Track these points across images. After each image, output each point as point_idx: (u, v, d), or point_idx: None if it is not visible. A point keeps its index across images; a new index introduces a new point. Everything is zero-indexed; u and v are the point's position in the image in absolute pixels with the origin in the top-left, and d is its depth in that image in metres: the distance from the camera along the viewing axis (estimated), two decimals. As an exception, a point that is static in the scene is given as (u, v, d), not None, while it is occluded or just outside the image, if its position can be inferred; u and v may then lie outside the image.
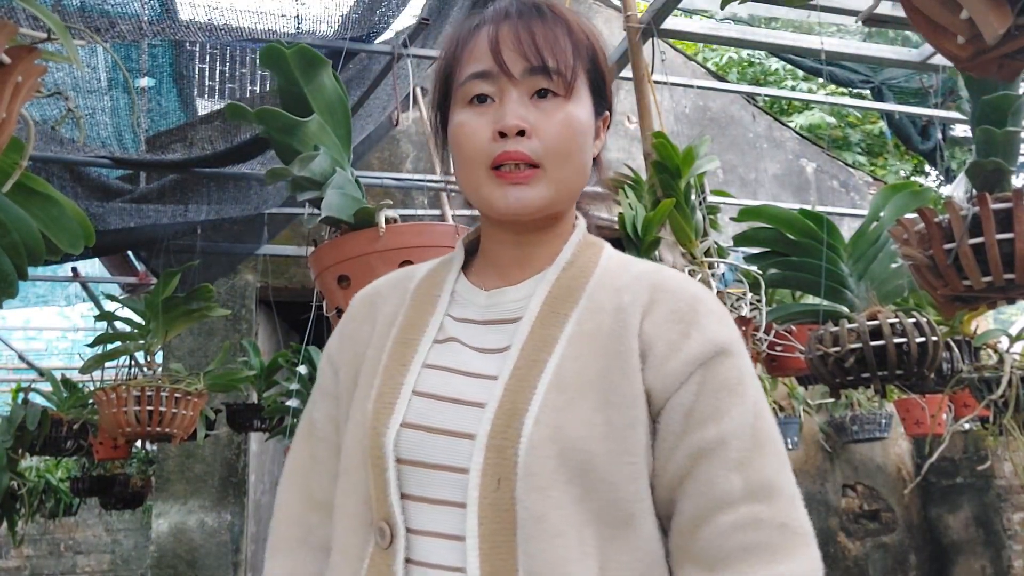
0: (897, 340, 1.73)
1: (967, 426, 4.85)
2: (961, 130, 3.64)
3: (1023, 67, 0.88)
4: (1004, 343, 2.34)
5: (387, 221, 1.61)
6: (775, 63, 8.80)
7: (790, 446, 4.37)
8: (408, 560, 0.76)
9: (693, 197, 1.91)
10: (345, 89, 1.81)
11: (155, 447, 4.85)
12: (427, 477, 0.77)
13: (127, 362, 2.75)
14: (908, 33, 3.38)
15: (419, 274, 0.93)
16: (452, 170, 0.88)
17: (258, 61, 1.61)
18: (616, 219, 1.89)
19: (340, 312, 1.64)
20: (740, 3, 1.25)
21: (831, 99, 5.20)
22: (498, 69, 0.80)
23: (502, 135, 0.79)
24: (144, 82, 2.93)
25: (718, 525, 0.74)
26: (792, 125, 6.40)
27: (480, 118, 0.81)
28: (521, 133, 0.79)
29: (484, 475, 0.74)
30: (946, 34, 0.86)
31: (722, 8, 1.46)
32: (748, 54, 9.00)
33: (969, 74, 0.91)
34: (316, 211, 1.69)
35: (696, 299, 0.82)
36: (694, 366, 0.78)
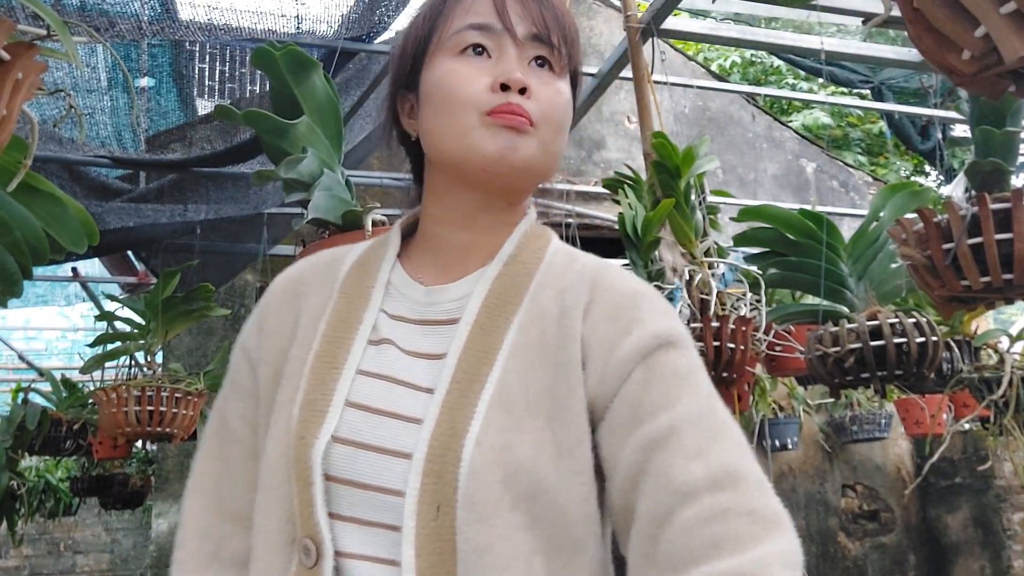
0: (897, 340, 1.73)
1: (967, 426, 4.86)
2: (961, 130, 3.64)
3: (1009, 86, 0.88)
4: (1004, 343, 2.34)
5: (374, 224, 1.61)
6: (776, 60, 8.80)
7: (790, 446, 4.38)
8: None
9: (693, 197, 1.91)
10: (336, 91, 1.81)
11: (155, 447, 4.85)
12: (358, 497, 0.70)
13: (127, 362, 2.75)
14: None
15: (348, 259, 0.84)
16: (420, 129, 0.81)
17: (251, 63, 1.62)
18: (616, 219, 1.89)
19: None
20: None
21: (831, 99, 5.21)
22: (501, 25, 0.76)
23: (504, 88, 0.74)
24: (144, 82, 2.93)
25: (682, 521, 0.65)
26: (793, 125, 6.40)
27: (475, 68, 0.76)
28: (523, 91, 0.75)
29: (421, 501, 0.67)
30: (951, 49, 0.85)
31: (713, 1, 1.46)
32: (752, 54, 9.00)
33: (962, 87, 0.91)
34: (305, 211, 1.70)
35: (638, 295, 0.77)
36: (636, 360, 0.73)
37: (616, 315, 0.75)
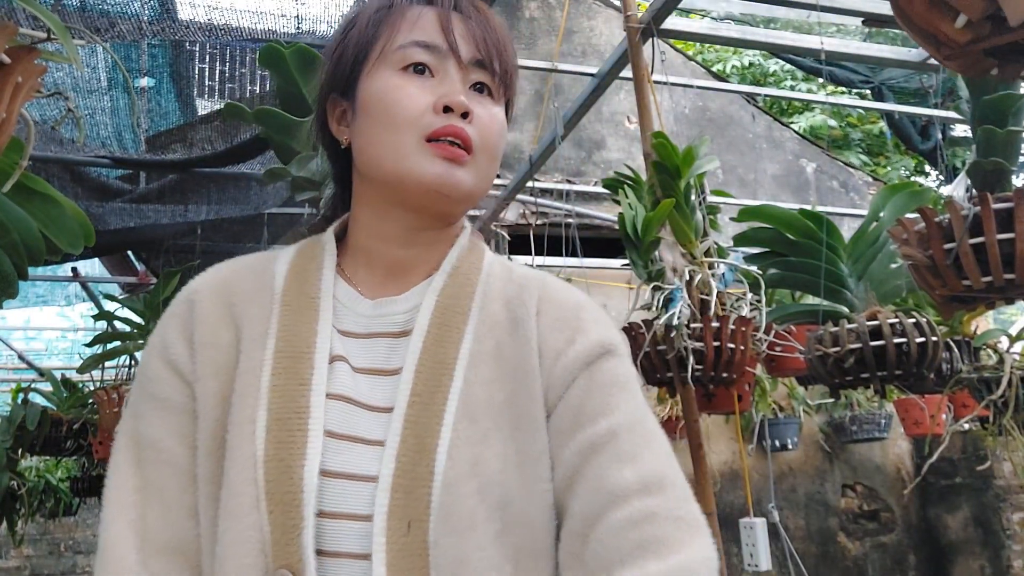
0: (897, 340, 1.73)
1: (966, 426, 4.85)
2: (961, 130, 3.65)
3: (993, 66, 0.85)
4: (1004, 343, 2.34)
5: None
6: (773, 64, 8.80)
7: (790, 446, 4.38)
8: None
9: (693, 197, 1.91)
10: None
11: (155, 447, 4.84)
12: (331, 528, 0.68)
13: (127, 362, 2.75)
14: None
15: (278, 267, 0.80)
16: (353, 137, 0.80)
17: (257, 61, 1.62)
18: (616, 219, 1.89)
19: None
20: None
21: (831, 99, 5.20)
22: (447, 46, 0.76)
23: (447, 110, 0.74)
24: (144, 82, 2.93)
25: (612, 523, 0.68)
26: (796, 127, 6.40)
27: (418, 87, 0.75)
28: (464, 115, 0.75)
29: (391, 518, 0.66)
30: (944, 13, 0.81)
31: None
32: (751, 56, 9.00)
33: (948, 64, 0.87)
34: (315, 211, 1.70)
35: (579, 306, 0.80)
36: (580, 367, 0.76)
37: (561, 325, 0.78)
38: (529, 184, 3.41)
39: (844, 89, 5.17)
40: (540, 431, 0.74)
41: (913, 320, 1.76)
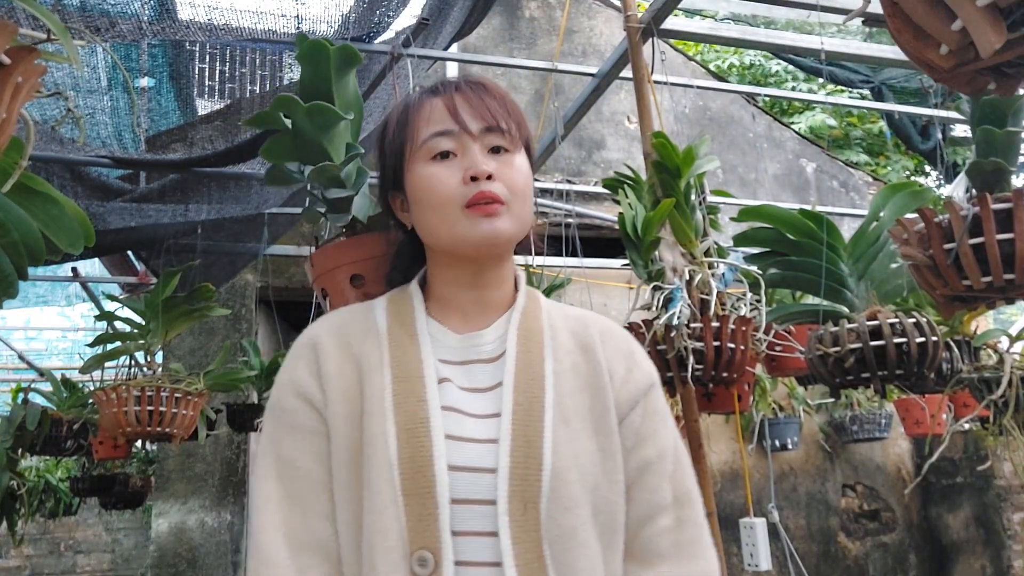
0: (897, 340, 1.73)
1: (967, 426, 4.85)
2: (961, 130, 3.64)
3: (989, 83, 0.88)
4: (1004, 343, 2.34)
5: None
6: (774, 65, 8.80)
7: (790, 446, 4.37)
8: None
9: (693, 197, 1.91)
10: (358, 87, 1.79)
11: (155, 447, 4.85)
12: (461, 512, 0.84)
13: (127, 362, 2.75)
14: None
15: (379, 315, 0.98)
16: (412, 221, 0.98)
17: (296, 53, 1.59)
18: (616, 219, 1.89)
19: None
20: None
21: (831, 99, 5.20)
22: (459, 128, 0.93)
23: (474, 179, 0.91)
24: (144, 82, 2.93)
25: (656, 526, 0.93)
26: (797, 127, 6.39)
27: (447, 170, 0.93)
28: (489, 177, 0.92)
29: (511, 502, 0.84)
30: (928, 43, 0.86)
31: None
32: (752, 57, 9.00)
33: (942, 83, 0.90)
34: (321, 211, 1.69)
35: (629, 339, 1.03)
36: (640, 395, 0.97)
37: (620, 356, 0.99)
38: (529, 184, 3.39)
39: (844, 89, 5.17)
40: (614, 435, 0.93)
41: (913, 320, 1.76)
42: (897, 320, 1.76)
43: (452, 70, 4.87)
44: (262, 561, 0.87)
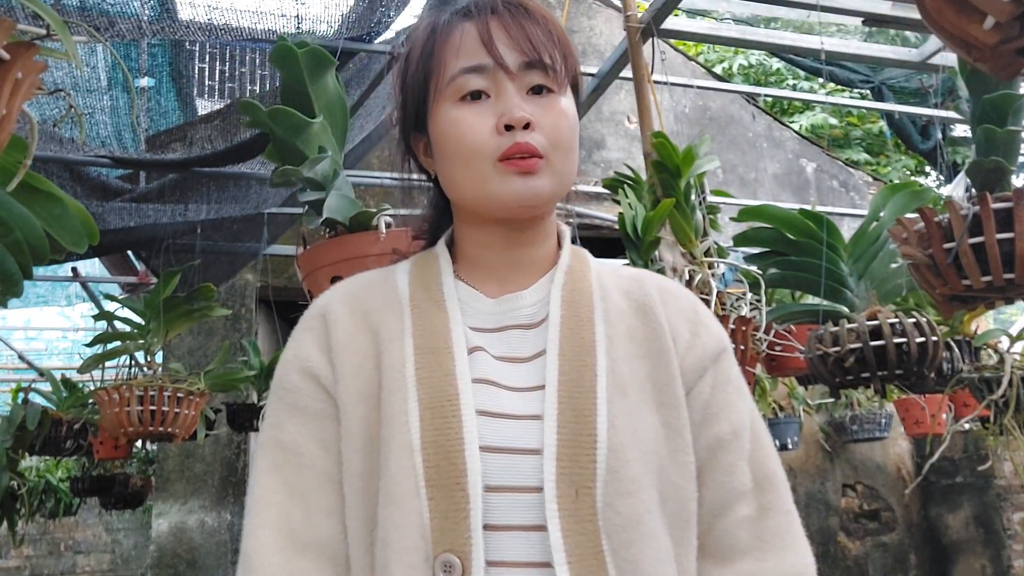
0: (897, 340, 1.73)
1: (967, 426, 4.85)
2: (961, 130, 3.64)
3: (1023, 66, 0.86)
4: (1004, 343, 2.34)
5: (386, 226, 1.61)
6: (776, 62, 8.80)
7: (790, 446, 4.37)
8: None
9: (693, 197, 1.91)
10: (345, 90, 1.80)
11: (155, 447, 4.85)
12: (499, 501, 0.71)
13: (127, 362, 2.75)
14: (908, 33, 3.38)
15: (400, 280, 0.85)
16: (436, 170, 0.85)
17: (267, 58, 1.61)
18: (616, 219, 1.89)
19: None
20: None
21: (831, 99, 5.20)
22: (493, 63, 0.78)
23: (508, 128, 0.77)
24: (144, 82, 2.93)
25: (736, 514, 0.78)
26: (795, 126, 6.39)
27: (477, 114, 0.78)
28: (527, 126, 0.77)
29: (560, 487, 0.70)
30: (973, 16, 0.81)
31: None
32: (756, 56, 9.00)
33: (979, 66, 0.87)
34: (310, 210, 1.69)
35: (693, 299, 0.87)
36: (709, 361, 0.82)
37: (683, 316, 0.84)
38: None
39: (844, 89, 5.17)
40: (681, 407, 0.78)
41: (913, 320, 1.76)
42: (897, 320, 1.76)
43: (452, 70, 4.87)
44: (250, 568, 0.73)
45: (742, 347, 1.76)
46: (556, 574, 0.68)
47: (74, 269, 4.19)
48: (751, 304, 1.93)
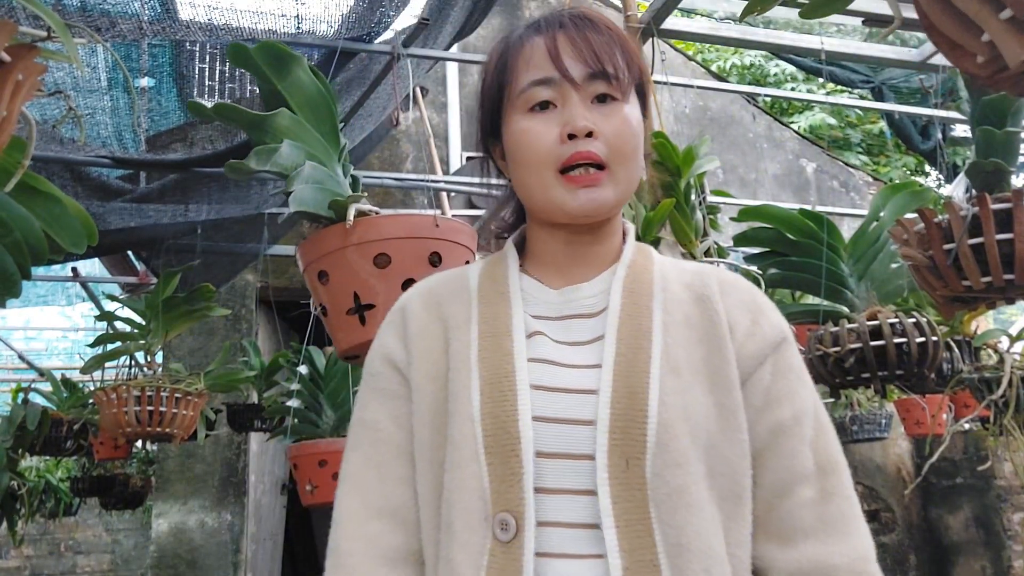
0: (897, 340, 1.73)
1: (967, 426, 4.85)
2: (961, 130, 3.64)
3: None
4: (1004, 343, 2.34)
5: (360, 214, 1.53)
6: (773, 67, 8.80)
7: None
8: (536, 553, 0.76)
9: (693, 197, 1.91)
10: (327, 83, 1.77)
11: (155, 447, 4.85)
12: (552, 467, 0.78)
13: (127, 362, 2.75)
14: (908, 33, 3.38)
15: (472, 275, 0.93)
16: (510, 175, 0.92)
17: (228, 59, 1.59)
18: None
19: (324, 309, 1.58)
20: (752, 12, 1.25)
21: (831, 99, 5.20)
22: (560, 75, 0.84)
23: (571, 137, 0.83)
24: (144, 82, 2.93)
25: (798, 497, 0.81)
26: (794, 127, 6.39)
27: (544, 124, 0.84)
28: (589, 135, 0.83)
29: (611, 456, 0.76)
30: (964, 53, 0.87)
31: (741, 19, 1.46)
32: (752, 57, 8.99)
33: (988, 87, 0.93)
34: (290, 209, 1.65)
35: (754, 291, 0.91)
36: (769, 349, 0.86)
37: (743, 307, 0.88)
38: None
39: (844, 89, 5.17)
40: (735, 389, 0.82)
41: (913, 320, 1.76)
42: (897, 320, 1.76)
43: (452, 70, 4.88)
44: (338, 529, 0.86)
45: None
46: (604, 535, 0.74)
47: (74, 269, 4.19)
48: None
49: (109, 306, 3.94)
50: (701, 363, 0.82)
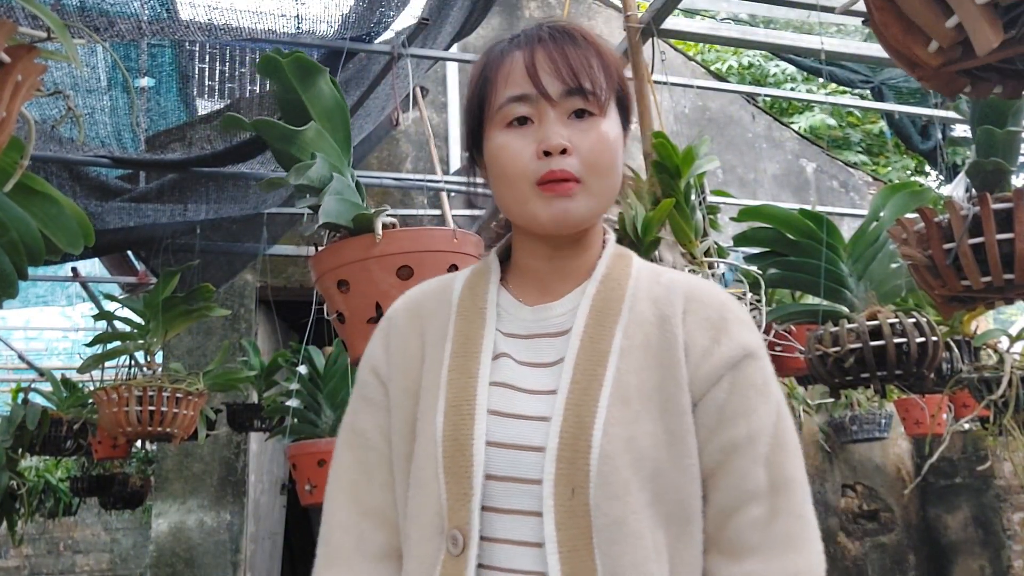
0: (897, 340, 1.73)
1: (967, 426, 4.85)
2: (961, 130, 3.64)
3: (966, 84, 0.88)
4: (1004, 343, 2.34)
5: (385, 227, 1.60)
6: (773, 67, 8.80)
7: (790, 446, 4.37)
8: (481, 565, 0.81)
9: (693, 197, 1.91)
10: (343, 94, 1.81)
11: (154, 447, 4.85)
12: (502, 489, 0.82)
13: (127, 362, 2.75)
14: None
15: (456, 286, 0.95)
16: (491, 189, 0.93)
17: (256, 70, 1.63)
18: (616, 219, 1.89)
19: (341, 316, 1.64)
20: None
21: (831, 99, 5.20)
22: (536, 92, 0.85)
23: (546, 154, 0.84)
24: (144, 82, 2.93)
25: (747, 515, 0.83)
26: (794, 127, 6.39)
27: (521, 139, 0.86)
28: (564, 152, 0.84)
29: (557, 485, 0.79)
30: (918, 38, 0.84)
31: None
32: (751, 57, 8.99)
33: (923, 84, 0.90)
34: (314, 214, 1.69)
35: (724, 307, 0.89)
36: (725, 368, 0.85)
37: (707, 325, 0.87)
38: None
39: (844, 89, 5.17)
40: (686, 415, 0.84)
41: (913, 320, 1.76)
42: (897, 320, 1.76)
43: (452, 70, 4.88)
44: (328, 522, 0.92)
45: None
46: (547, 559, 0.78)
47: (74, 269, 4.19)
48: (751, 304, 1.93)
49: (109, 306, 3.94)
50: (654, 390, 0.84)
